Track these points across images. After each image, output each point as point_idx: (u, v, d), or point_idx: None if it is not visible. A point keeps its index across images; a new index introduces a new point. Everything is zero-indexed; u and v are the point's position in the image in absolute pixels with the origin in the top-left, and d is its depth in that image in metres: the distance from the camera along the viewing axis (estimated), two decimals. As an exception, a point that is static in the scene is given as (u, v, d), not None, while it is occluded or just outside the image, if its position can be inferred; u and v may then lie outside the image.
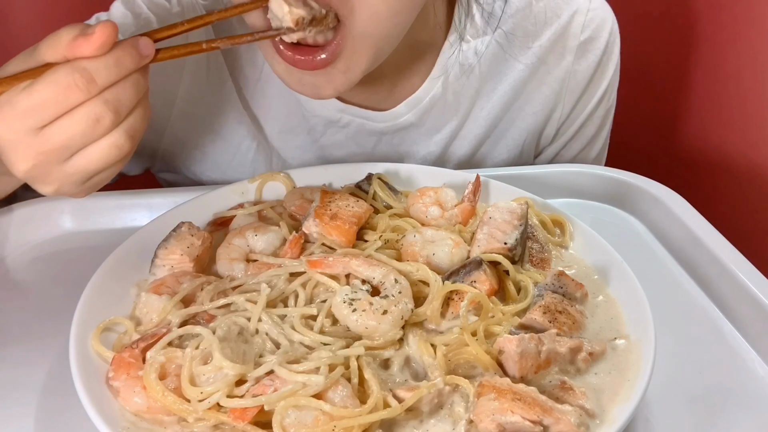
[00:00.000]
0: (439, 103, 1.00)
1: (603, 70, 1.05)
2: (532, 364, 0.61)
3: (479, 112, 1.03)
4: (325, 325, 0.65)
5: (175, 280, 0.71)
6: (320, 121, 0.99)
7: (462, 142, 1.04)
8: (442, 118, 1.02)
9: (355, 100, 0.98)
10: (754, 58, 1.18)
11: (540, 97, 1.04)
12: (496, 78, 1.02)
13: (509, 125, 1.05)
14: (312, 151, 1.02)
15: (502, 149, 1.07)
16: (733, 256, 0.80)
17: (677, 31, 1.34)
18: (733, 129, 1.25)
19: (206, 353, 0.60)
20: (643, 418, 0.65)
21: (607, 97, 1.08)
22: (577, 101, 1.06)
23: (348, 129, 0.99)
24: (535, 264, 0.76)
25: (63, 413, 0.62)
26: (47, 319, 0.72)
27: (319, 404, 0.56)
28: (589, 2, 1.02)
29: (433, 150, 1.04)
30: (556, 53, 1.02)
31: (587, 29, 1.02)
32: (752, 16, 1.18)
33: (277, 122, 1.01)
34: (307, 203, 0.81)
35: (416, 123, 1.01)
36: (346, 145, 1.01)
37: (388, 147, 1.02)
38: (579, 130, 1.09)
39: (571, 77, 1.04)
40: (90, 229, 0.88)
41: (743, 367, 0.72)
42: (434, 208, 0.80)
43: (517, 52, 1.00)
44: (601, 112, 1.09)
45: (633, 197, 0.95)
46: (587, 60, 1.03)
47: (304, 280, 0.69)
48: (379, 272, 0.68)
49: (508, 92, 1.02)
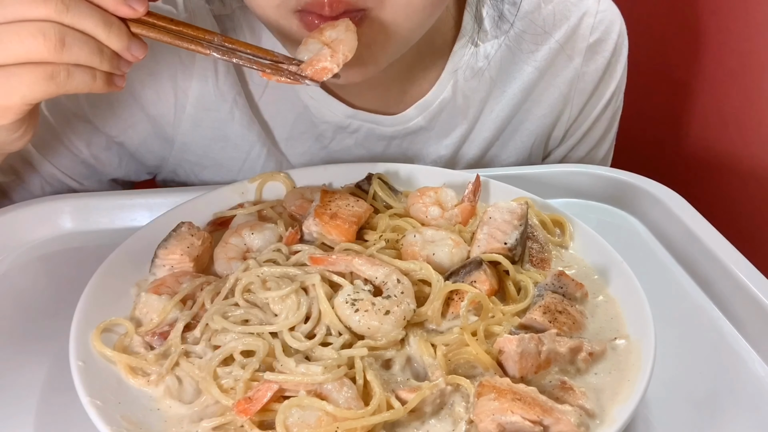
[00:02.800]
0: (448, 107, 1.00)
1: (611, 72, 1.05)
2: (532, 364, 0.61)
3: (488, 115, 1.03)
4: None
5: (175, 280, 0.71)
6: (329, 127, 0.98)
7: (471, 146, 1.04)
8: (451, 121, 1.01)
9: (365, 104, 0.97)
10: (754, 58, 1.18)
11: (549, 100, 1.04)
12: (505, 81, 1.01)
13: (518, 127, 1.05)
14: (321, 157, 1.02)
15: (510, 152, 1.07)
16: (733, 256, 0.80)
17: (678, 31, 1.34)
18: (734, 129, 1.25)
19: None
20: (643, 418, 0.65)
21: (615, 99, 1.08)
22: (585, 103, 1.06)
23: (357, 134, 0.99)
24: (535, 264, 0.76)
25: (63, 413, 0.62)
26: (47, 319, 0.72)
27: (323, 405, 0.56)
28: (597, 4, 1.02)
29: (443, 153, 1.03)
30: (565, 55, 1.02)
31: (596, 31, 1.02)
32: (753, 17, 1.18)
33: (285, 128, 1.00)
34: (307, 203, 0.81)
35: (426, 127, 1.00)
36: (355, 150, 1.01)
37: (397, 151, 1.02)
38: (588, 132, 1.09)
39: (580, 79, 1.04)
40: (90, 229, 0.88)
41: (743, 367, 0.72)
42: (434, 208, 0.80)
43: (526, 54, 1.00)
44: (609, 114, 1.09)
45: (633, 197, 0.95)
46: (596, 62, 1.03)
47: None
48: (381, 272, 0.68)
49: (517, 95, 1.02)
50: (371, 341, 0.63)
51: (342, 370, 0.59)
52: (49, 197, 0.91)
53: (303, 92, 0.96)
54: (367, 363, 0.61)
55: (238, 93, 0.96)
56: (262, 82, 0.97)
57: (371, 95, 0.96)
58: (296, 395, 0.58)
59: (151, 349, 0.65)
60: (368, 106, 0.97)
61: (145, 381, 0.62)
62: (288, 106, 0.97)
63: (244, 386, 0.59)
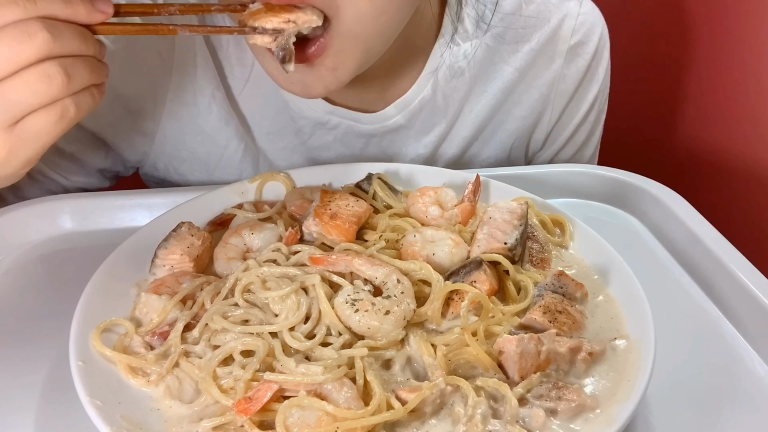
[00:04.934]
0: (428, 106, 1.00)
1: (592, 75, 1.06)
2: (532, 364, 0.61)
3: (468, 115, 1.03)
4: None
5: (175, 280, 0.71)
6: (308, 123, 0.98)
7: (450, 144, 1.04)
8: (431, 120, 1.02)
9: (345, 101, 0.97)
10: (751, 56, 1.18)
11: (529, 101, 1.04)
12: (485, 81, 1.02)
13: (497, 128, 1.05)
14: (299, 153, 1.02)
15: (489, 151, 1.07)
16: (734, 255, 0.80)
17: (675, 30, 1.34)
18: (733, 128, 1.25)
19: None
20: (643, 418, 0.65)
21: (598, 102, 1.09)
22: (566, 105, 1.07)
23: (336, 131, 0.99)
24: (535, 264, 0.76)
25: (63, 413, 0.62)
26: (47, 319, 0.72)
27: (323, 405, 0.56)
28: (579, 6, 1.02)
29: (422, 152, 1.04)
30: (546, 57, 1.02)
31: (577, 33, 1.02)
32: (748, 14, 1.18)
33: (264, 123, 1.00)
34: (307, 203, 0.81)
35: (405, 125, 1.00)
36: (334, 146, 1.01)
37: (376, 149, 1.02)
38: (572, 136, 1.10)
39: (561, 81, 1.04)
40: (90, 229, 0.88)
41: (743, 367, 0.72)
42: (434, 208, 0.80)
43: (507, 55, 1.01)
44: (592, 117, 1.10)
45: (633, 197, 0.95)
46: (577, 64, 1.04)
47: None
48: (381, 272, 0.68)
49: (496, 95, 1.02)
50: (371, 341, 0.63)
51: (342, 370, 0.59)
52: (49, 197, 0.91)
53: None
54: (367, 363, 0.61)
55: (216, 87, 0.96)
56: (243, 77, 0.97)
57: (351, 93, 0.96)
58: (296, 395, 0.58)
59: (151, 350, 0.65)
60: (348, 104, 0.97)
61: (145, 381, 0.62)
62: (268, 101, 0.97)
63: (244, 386, 0.59)
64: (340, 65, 0.76)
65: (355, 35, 0.74)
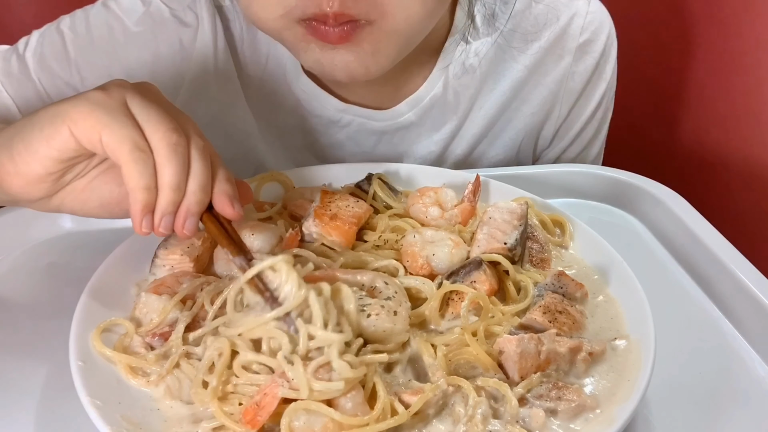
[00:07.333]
0: (439, 103, 1.00)
1: (600, 73, 1.06)
2: (532, 364, 0.61)
3: (478, 112, 1.04)
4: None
5: (175, 280, 0.71)
6: (320, 122, 0.99)
7: (461, 141, 1.05)
8: (441, 117, 1.02)
9: (358, 99, 0.98)
10: (752, 56, 1.18)
11: (538, 98, 1.05)
12: (495, 78, 1.02)
13: (506, 125, 1.06)
14: (311, 151, 1.02)
15: (498, 149, 1.07)
16: (734, 255, 0.80)
17: (676, 30, 1.34)
18: (733, 129, 1.25)
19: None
20: (643, 418, 0.65)
21: (605, 100, 1.09)
22: (575, 103, 1.07)
23: (348, 129, 1.00)
24: (535, 264, 0.76)
25: (63, 413, 0.62)
26: (47, 319, 0.72)
27: (330, 412, 0.55)
28: (587, 5, 1.03)
29: (433, 149, 1.04)
30: (555, 55, 1.03)
31: (586, 31, 1.03)
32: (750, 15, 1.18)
33: (277, 121, 1.01)
34: (307, 203, 0.81)
35: (417, 122, 1.01)
36: (345, 144, 1.01)
37: (387, 146, 1.02)
38: (579, 134, 1.10)
39: (569, 79, 1.05)
40: (90, 229, 0.88)
41: (743, 367, 0.72)
42: (434, 209, 0.80)
43: (516, 53, 1.01)
44: (599, 115, 1.10)
45: (633, 197, 0.95)
46: (585, 62, 1.04)
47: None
48: (366, 277, 0.68)
49: (506, 92, 1.03)
50: (380, 345, 0.62)
51: (357, 379, 0.57)
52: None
53: (296, 85, 0.97)
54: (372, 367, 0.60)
55: (233, 83, 0.96)
56: (257, 74, 0.97)
57: (365, 91, 0.97)
58: (304, 398, 0.57)
59: (151, 350, 0.65)
60: (361, 101, 0.98)
61: (145, 381, 0.62)
62: (282, 99, 0.98)
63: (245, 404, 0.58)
64: (379, 50, 0.77)
65: (401, 33, 0.77)
